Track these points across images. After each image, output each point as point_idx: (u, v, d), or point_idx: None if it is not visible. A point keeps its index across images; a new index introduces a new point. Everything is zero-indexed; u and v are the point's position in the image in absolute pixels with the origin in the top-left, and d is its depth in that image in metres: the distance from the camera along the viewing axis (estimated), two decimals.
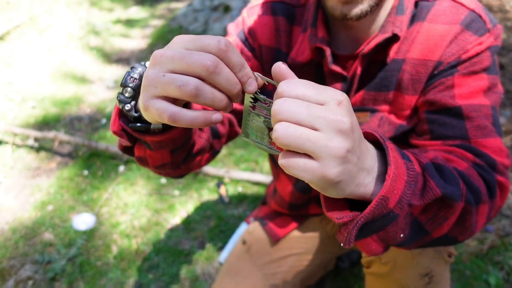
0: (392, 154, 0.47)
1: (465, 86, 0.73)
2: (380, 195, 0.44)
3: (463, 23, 0.73)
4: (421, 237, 0.57)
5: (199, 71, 0.42)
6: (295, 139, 0.39)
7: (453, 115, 0.73)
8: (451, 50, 0.74)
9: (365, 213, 0.45)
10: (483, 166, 0.66)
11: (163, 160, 0.70)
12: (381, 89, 0.82)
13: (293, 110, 0.39)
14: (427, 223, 0.55)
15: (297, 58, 0.85)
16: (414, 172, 0.50)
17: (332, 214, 0.48)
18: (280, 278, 1.15)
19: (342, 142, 0.39)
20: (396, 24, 0.75)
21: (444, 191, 0.51)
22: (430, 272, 0.82)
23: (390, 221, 0.48)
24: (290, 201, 1.15)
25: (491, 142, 0.70)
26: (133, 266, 1.57)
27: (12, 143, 2.26)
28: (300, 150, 0.40)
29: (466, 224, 0.60)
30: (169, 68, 0.43)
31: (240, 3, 3.87)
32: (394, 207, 0.47)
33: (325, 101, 0.41)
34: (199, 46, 0.43)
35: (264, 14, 0.89)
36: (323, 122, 0.39)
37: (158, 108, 0.44)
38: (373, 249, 0.52)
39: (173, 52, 0.43)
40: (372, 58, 0.80)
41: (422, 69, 0.77)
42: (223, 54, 0.43)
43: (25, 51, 3.51)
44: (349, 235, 0.46)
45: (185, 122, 0.44)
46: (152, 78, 0.43)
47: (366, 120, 0.86)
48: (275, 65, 0.44)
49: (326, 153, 0.39)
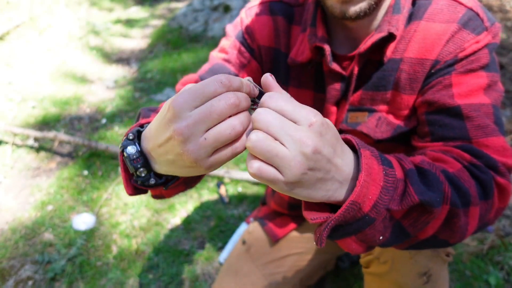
0: (365, 161, 0.48)
1: (463, 85, 0.72)
2: (349, 200, 0.47)
3: (460, 21, 0.72)
4: (405, 239, 0.58)
5: (230, 112, 0.45)
6: (266, 152, 0.42)
7: (453, 115, 0.72)
8: (448, 49, 0.73)
9: (335, 216, 0.47)
10: (480, 166, 0.65)
11: (177, 191, 0.73)
12: (379, 88, 0.81)
13: (268, 121, 0.43)
14: (409, 227, 0.56)
15: (297, 58, 0.84)
16: (394, 178, 0.51)
17: (308, 214, 0.50)
18: (280, 278, 1.15)
19: (302, 162, 0.43)
20: (392, 23, 0.74)
21: (421, 198, 0.52)
22: (428, 271, 0.82)
23: (367, 225, 0.50)
24: (289, 200, 1.15)
25: (493, 141, 0.68)
26: (133, 266, 1.57)
27: (12, 143, 2.26)
28: (267, 161, 0.43)
29: (455, 227, 0.60)
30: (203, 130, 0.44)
31: (240, 3, 3.87)
32: (369, 211, 0.49)
33: (298, 120, 0.44)
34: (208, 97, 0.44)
35: (262, 14, 0.89)
36: (290, 140, 0.42)
37: (222, 157, 0.47)
38: (354, 249, 0.54)
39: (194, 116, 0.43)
40: (369, 57, 0.79)
41: (419, 68, 0.76)
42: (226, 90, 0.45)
43: (25, 51, 3.51)
44: (320, 235, 0.49)
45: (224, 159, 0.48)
46: (196, 149, 0.44)
47: (364, 120, 0.85)
48: (263, 76, 0.48)
49: (288, 170, 0.43)
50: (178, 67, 3.30)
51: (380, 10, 0.76)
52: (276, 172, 0.43)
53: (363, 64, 0.80)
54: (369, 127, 0.85)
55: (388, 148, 0.88)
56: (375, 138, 0.84)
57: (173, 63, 3.41)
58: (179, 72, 3.22)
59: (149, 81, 3.18)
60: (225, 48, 0.92)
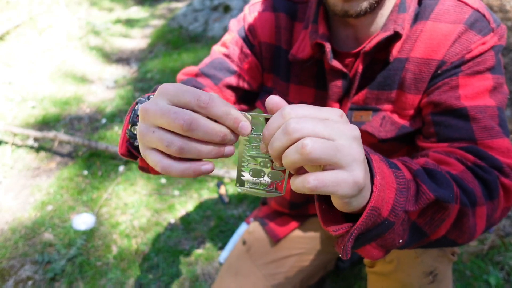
0: (377, 165, 0.48)
1: (469, 87, 0.72)
2: (369, 206, 0.46)
3: (467, 22, 0.73)
4: (420, 239, 0.58)
5: (177, 130, 0.43)
6: (328, 151, 0.39)
7: (459, 117, 0.72)
8: (455, 49, 0.73)
9: (357, 225, 0.46)
10: (483, 167, 0.66)
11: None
12: (384, 88, 0.82)
13: (311, 125, 0.40)
14: (425, 226, 0.56)
15: (298, 54, 0.85)
16: (404, 179, 0.51)
17: (329, 227, 0.49)
18: (281, 278, 1.14)
19: (360, 147, 0.41)
20: (398, 22, 0.74)
21: (436, 194, 0.52)
22: (434, 271, 0.82)
23: (386, 229, 0.50)
24: (290, 199, 1.15)
25: (498, 143, 0.69)
26: (133, 266, 1.57)
27: (11, 143, 2.26)
28: (329, 161, 0.40)
29: (464, 227, 0.60)
30: (155, 124, 0.45)
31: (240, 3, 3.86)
32: (388, 215, 0.48)
33: (328, 117, 0.42)
34: (182, 103, 0.44)
35: (265, 10, 0.89)
36: (339, 132, 0.40)
37: (152, 160, 0.47)
38: (374, 255, 0.53)
39: (156, 108, 0.44)
40: (375, 56, 0.79)
41: (425, 68, 0.76)
42: (203, 111, 0.44)
43: (25, 51, 3.51)
44: (345, 247, 0.48)
45: (176, 174, 0.46)
46: (144, 133, 0.46)
47: (369, 119, 0.85)
48: (268, 98, 0.45)
49: (352, 160, 0.40)
50: (178, 67, 3.30)
51: (384, 9, 0.76)
52: (340, 172, 0.40)
53: (369, 62, 0.80)
54: (374, 126, 0.85)
55: (392, 148, 0.88)
56: (379, 138, 0.84)
57: (173, 63, 3.41)
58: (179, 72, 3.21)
59: (149, 81, 3.18)
60: (226, 43, 0.93)
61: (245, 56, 0.91)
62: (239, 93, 0.94)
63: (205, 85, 0.90)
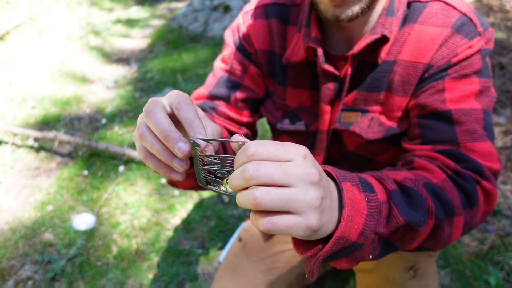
0: (347, 195, 0.48)
1: (455, 90, 0.73)
2: (335, 236, 0.46)
3: (453, 26, 0.73)
4: (393, 251, 0.60)
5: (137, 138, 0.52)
6: (278, 202, 0.40)
7: (443, 120, 0.73)
8: (442, 53, 0.74)
9: (323, 252, 0.47)
10: (463, 174, 0.67)
11: (190, 185, 0.77)
12: (373, 89, 0.82)
13: (269, 172, 0.40)
14: (397, 242, 0.58)
15: (292, 57, 0.86)
16: (377, 203, 0.52)
17: (298, 248, 0.50)
18: (276, 274, 1.15)
19: (316, 192, 0.42)
20: (385, 25, 0.75)
21: (406, 219, 0.53)
22: (415, 266, 0.83)
23: (355, 249, 0.51)
24: None
25: (480, 147, 0.70)
26: (133, 266, 1.57)
27: (11, 143, 2.26)
28: (281, 209, 0.41)
29: (439, 238, 0.62)
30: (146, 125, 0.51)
31: (240, 3, 3.87)
32: (357, 239, 0.49)
33: (292, 158, 0.42)
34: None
35: (257, 18, 0.91)
36: (296, 178, 0.41)
37: (138, 147, 0.53)
38: (345, 265, 0.55)
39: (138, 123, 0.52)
40: (364, 59, 0.80)
41: (412, 71, 0.77)
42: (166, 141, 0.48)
43: (25, 51, 3.51)
44: (311, 269, 0.49)
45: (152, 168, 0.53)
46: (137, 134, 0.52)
47: (357, 120, 0.86)
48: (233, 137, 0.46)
49: (305, 206, 0.41)
50: (178, 67, 3.30)
51: (375, 12, 0.77)
52: (292, 217, 0.41)
53: (358, 65, 0.81)
54: (362, 127, 0.86)
55: (380, 148, 0.89)
56: (367, 138, 0.85)
57: (173, 63, 3.41)
58: (179, 72, 3.22)
59: (149, 81, 3.18)
60: (225, 58, 0.95)
61: (245, 67, 0.93)
62: (250, 104, 0.96)
63: (219, 105, 0.92)
